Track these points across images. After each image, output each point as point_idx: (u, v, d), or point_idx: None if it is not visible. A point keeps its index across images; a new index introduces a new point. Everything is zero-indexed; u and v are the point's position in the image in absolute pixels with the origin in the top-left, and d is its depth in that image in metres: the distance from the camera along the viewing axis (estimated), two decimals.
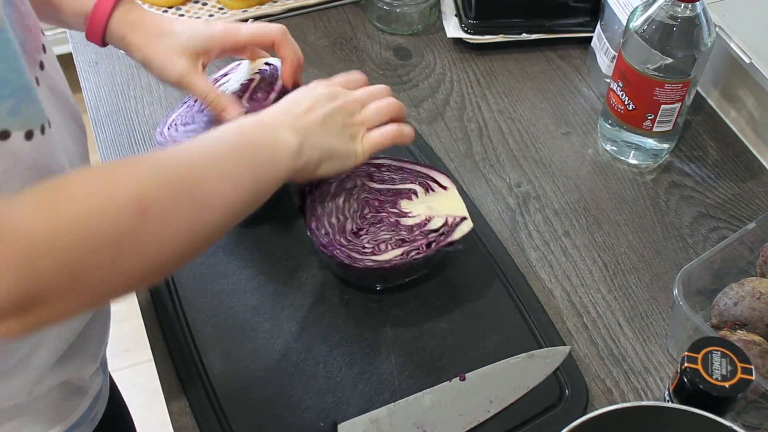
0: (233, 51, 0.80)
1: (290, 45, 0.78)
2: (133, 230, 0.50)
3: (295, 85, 0.78)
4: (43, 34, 0.61)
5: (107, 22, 0.74)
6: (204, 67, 0.77)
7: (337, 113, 0.69)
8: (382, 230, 0.75)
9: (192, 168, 0.56)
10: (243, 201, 0.59)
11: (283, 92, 0.77)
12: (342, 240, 0.74)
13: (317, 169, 0.68)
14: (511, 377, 0.72)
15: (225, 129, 0.63)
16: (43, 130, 0.54)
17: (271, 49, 0.79)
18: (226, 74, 0.88)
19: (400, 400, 0.70)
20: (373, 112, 0.73)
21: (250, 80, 0.83)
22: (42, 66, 0.59)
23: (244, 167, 0.60)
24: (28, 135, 0.52)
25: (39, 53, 0.60)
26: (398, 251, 0.73)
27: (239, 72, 0.86)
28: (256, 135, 0.64)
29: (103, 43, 0.76)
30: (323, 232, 0.74)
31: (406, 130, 0.75)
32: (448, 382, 0.72)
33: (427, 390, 0.71)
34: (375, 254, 0.73)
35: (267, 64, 0.84)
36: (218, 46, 0.76)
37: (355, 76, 0.76)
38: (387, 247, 0.74)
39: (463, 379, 0.72)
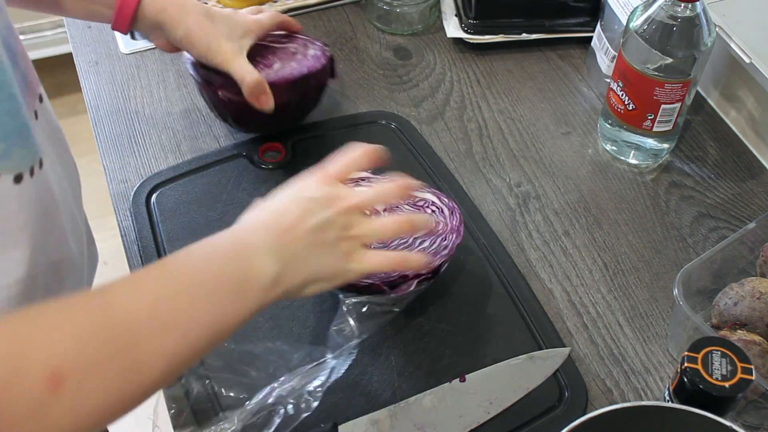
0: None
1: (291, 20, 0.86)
2: (43, 406, 0.42)
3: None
4: None
5: (136, 11, 0.75)
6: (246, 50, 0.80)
7: (330, 226, 0.58)
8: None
9: (130, 319, 0.47)
10: (193, 350, 0.50)
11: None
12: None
13: (300, 293, 0.58)
14: (510, 379, 0.72)
15: (192, 252, 0.54)
16: (32, 172, 0.53)
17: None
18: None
19: (400, 402, 0.70)
20: (379, 228, 0.61)
21: None
22: (41, 99, 0.59)
23: (200, 308, 0.51)
24: (17, 178, 0.51)
25: (39, 86, 0.59)
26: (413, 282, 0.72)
27: None
28: (227, 262, 0.54)
29: (130, 25, 0.76)
30: None
31: (414, 258, 0.64)
32: (448, 383, 0.72)
33: (428, 391, 0.71)
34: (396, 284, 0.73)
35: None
36: (264, 30, 0.82)
37: (361, 156, 0.63)
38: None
39: (463, 380, 0.72)
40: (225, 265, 0.53)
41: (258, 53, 0.87)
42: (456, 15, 1.09)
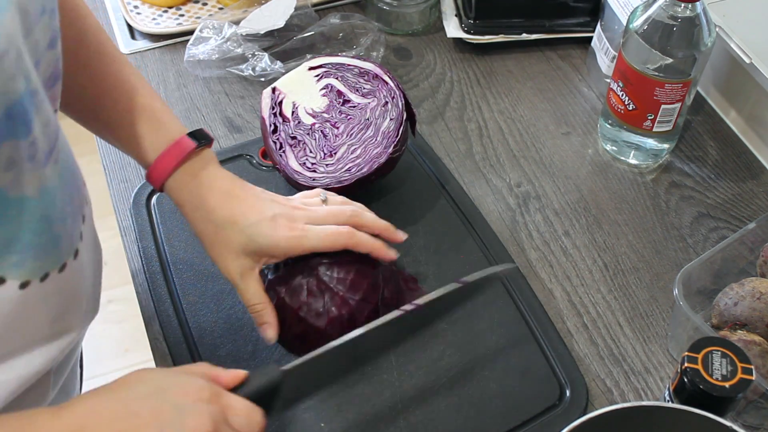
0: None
1: (364, 242, 0.70)
2: None
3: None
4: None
5: (167, 178, 0.68)
6: (262, 265, 0.70)
7: None
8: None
9: None
10: None
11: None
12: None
13: None
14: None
15: None
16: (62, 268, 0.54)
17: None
18: None
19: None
20: None
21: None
22: (83, 219, 0.60)
23: None
24: (44, 277, 0.52)
25: (85, 206, 0.60)
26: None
27: None
28: None
29: (161, 189, 0.70)
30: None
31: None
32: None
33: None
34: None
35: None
36: (282, 255, 0.69)
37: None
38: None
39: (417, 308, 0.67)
40: None
41: (329, 122, 0.82)
42: (456, 15, 1.09)
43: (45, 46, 0.50)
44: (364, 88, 0.84)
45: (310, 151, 0.82)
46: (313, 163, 0.82)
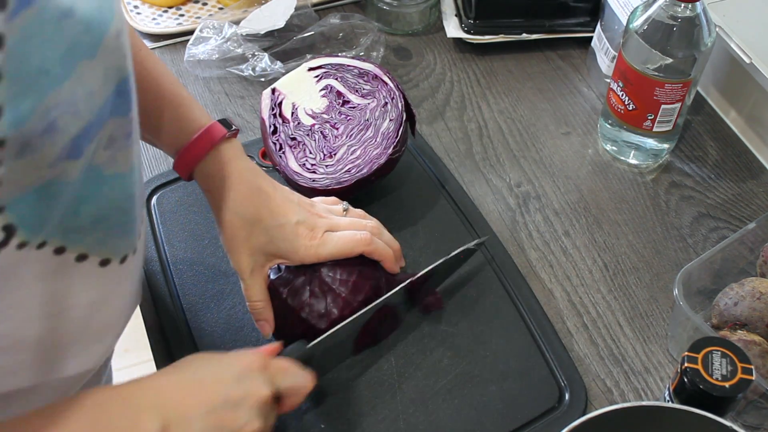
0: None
1: (380, 249, 0.73)
2: None
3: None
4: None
5: (197, 164, 0.69)
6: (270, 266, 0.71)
7: (233, 418, 0.56)
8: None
9: None
10: None
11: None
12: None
13: None
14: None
15: (81, 404, 0.51)
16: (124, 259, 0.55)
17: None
18: None
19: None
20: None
21: None
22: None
23: None
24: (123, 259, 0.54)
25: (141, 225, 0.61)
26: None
27: None
28: (112, 419, 0.51)
29: (189, 177, 0.71)
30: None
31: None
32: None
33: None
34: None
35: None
36: (298, 261, 0.70)
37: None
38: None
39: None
40: (108, 421, 0.51)
41: (329, 123, 0.83)
42: (456, 15, 1.09)
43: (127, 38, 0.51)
44: (363, 89, 0.84)
45: (310, 152, 0.82)
46: (312, 164, 0.82)
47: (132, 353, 1.75)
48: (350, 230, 0.71)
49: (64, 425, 0.49)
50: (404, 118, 0.82)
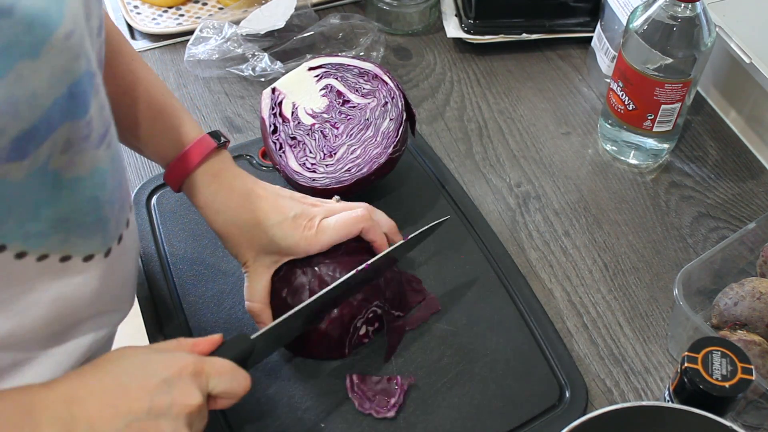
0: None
1: (377, 228, 0.72)
2: None
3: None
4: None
5: (188, 176, 0.69)
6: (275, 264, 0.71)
7: (150, 428, 0.51)
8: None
9: None
10: None
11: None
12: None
13: None
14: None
15: None
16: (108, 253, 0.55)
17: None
18: None
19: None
20: None
21: None
22: (127, 223, 0.60)
23: None
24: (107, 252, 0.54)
25: (130, 212, 0.61)
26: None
27: None
28: (11, 426, 0.47)
29: (179, 189, 0.70)
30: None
31: None
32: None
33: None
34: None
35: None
36: (303, 254, 0.70)
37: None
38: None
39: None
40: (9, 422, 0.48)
41: (329, 122, 0.83)
42: (456, 15, 1.09)
43: (96, 33, 0.51)
44: (363, 89, 0.84)
45: (310, 152, 0.82)
46: (312, 164, 0.82)
47: None
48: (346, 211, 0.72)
49: None
50: (404, 117, 0.82)
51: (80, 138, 0.49)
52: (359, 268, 0.69)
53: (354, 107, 0.83)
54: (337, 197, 0.76)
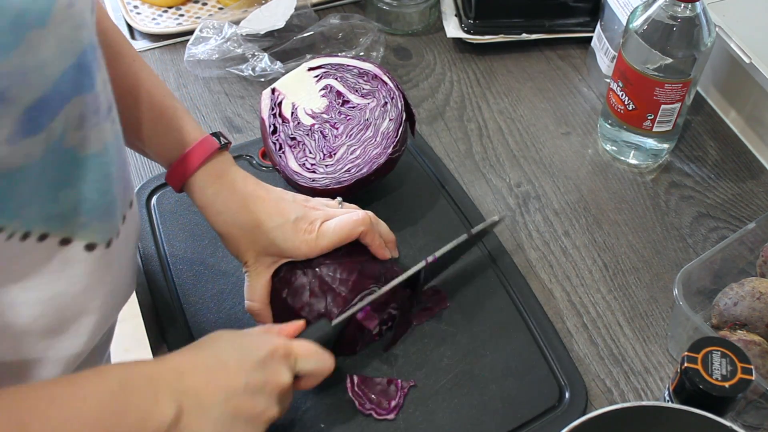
0: None
1: (374, 234, 0.73)
2: None
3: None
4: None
5: (190, 176, 0.69)
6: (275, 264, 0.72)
7: (252, 404, 0.57)
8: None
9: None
10: None
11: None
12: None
13: None
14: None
15: (103, 378, 0.52)
16: (108, 243, 0.55)
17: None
18: None
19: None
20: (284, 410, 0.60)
21: None
22: (131, 204, 0.60)
23: None
24: (90, 247, 0.54)
25: (132, 192, 0.61)
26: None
27: None
28: (131, 397, 0.52)
29: (181, 190, 0.71)
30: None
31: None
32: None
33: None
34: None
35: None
36: (303, 257, 0.71)
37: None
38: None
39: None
40: (130, 400, 0.52)
41: (328, 123, 0.83)
42: (456, 15, 1.09)
43: (90, 10, 0.51)
44: (363, 89, 0.84)
45: (310, 152, 0.82)
46: (312, 164, 0.82)
47: (132, 353, 1.75)
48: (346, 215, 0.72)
49: (87, 393, 0.50)
50: (404, 117, 0.82)
51: (91, 112, 0.50)
52: (429, 259, 0.73)
53: (354, 107, 0.83)
54: (339, 198, 0.76)
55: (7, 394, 0.47)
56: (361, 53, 1.04)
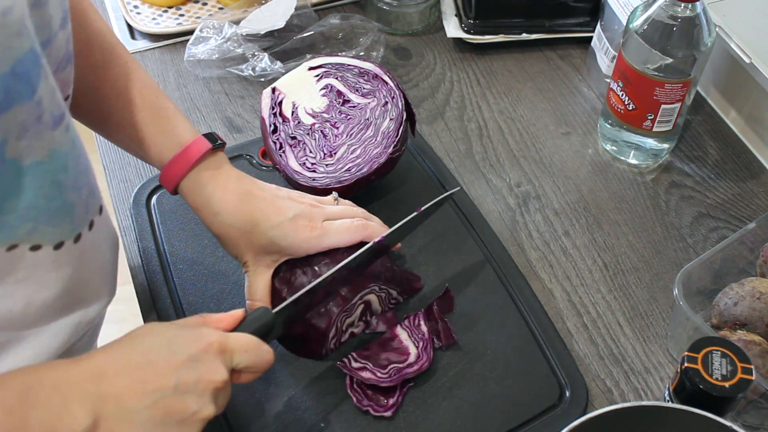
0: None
1: (376, 230, 0.72)
2: None
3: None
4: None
5: (183, 177, 0.68)
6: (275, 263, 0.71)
7: (181, 404, 0.52)
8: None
9: None
10: None
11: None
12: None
13: None
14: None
15: (4, 388, 0.48)
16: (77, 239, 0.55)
17: None
18: None
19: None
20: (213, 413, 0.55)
21: None
22: (101, 210, 0.60)
23: None
24: (58, 246, 0.53)
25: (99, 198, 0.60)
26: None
27: None
28: (31, 410, 0.47)
29: (175, 192, 0.70)
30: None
31: None
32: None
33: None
34: None
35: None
36: (303, 254, 0.70)
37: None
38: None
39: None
40: (39, 405, 0.48)
41: (329, 122, 0.83)
42: (456, 15, 1.09)
43: (58, 25, 0.51)
44: (363, 88, 0.84)
45: (310, 151, 0.82)
46: (312, 163, 0.82)
47: None
48: (346, 218, 0.72)
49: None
50: (404, 117, 0.82)
51: (33, 120, 0.49)
52: (375, 240, 0.70)
53: (354, 107, 0.83)
54: (334, 194, 0.76)
55: None
56: (361, 53, 1.04)
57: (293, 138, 0.83)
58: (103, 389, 0.49)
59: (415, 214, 0.73)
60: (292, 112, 0.84)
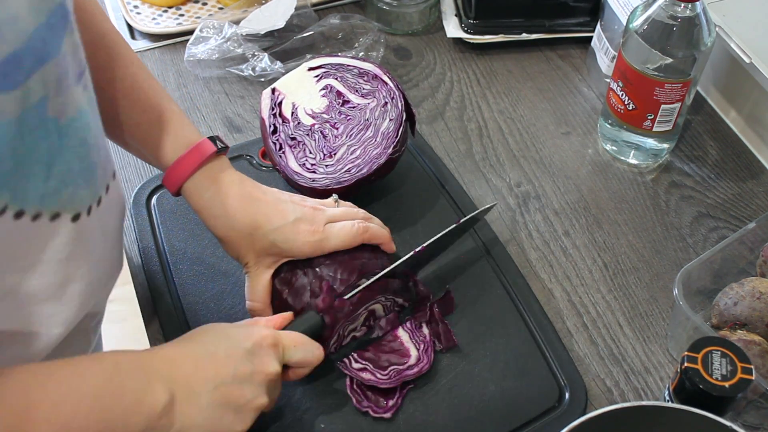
0: None
1: (376, 233, 0.73)
2: None
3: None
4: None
5: (186, 180, 0.68)
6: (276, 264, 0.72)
7: (241, 393, 0.59)
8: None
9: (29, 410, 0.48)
10: None
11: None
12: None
13: None
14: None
15: (99, 360, 0.54)
16: (89, 211, 0.54)
17: None
18: None
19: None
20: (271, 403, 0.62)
21: None
22: (114, 175, 0.60)
23: (93, 421, 0.50)
24: (76, 217, 0.53)
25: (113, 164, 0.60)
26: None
27: None
28: (126, 380, 0.53)
29: (178, 193, 0.70)
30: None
31: None
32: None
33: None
34: None
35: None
36: (304, 257, 0.71)
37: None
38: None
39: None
40: (125, 384, 0.53)
41: (329, 123, 0.83)
42: (456, 15, 1.09)
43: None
44: (363, 89, 0.84)
45: (310, 152, 0.82)
46: (312, 164, 0.82)
47: None
48: (347, 220, 0.72)
49: (84, 372, 0.51)
50: (404, 117, 0.82)
51: (63, 75, 0.49)
52: (420, 247, 0.74)
53: (354, 107, 0.83)
54: (335, 196, 0.76)
55: (7, 371, 0.48)
56: (361, 53, 1.04)
57: (293, 139, 0.83)
58: (174, 373, 0.56)
59: (453, 226, 0.76)
60: (292, 113, 0.84)
